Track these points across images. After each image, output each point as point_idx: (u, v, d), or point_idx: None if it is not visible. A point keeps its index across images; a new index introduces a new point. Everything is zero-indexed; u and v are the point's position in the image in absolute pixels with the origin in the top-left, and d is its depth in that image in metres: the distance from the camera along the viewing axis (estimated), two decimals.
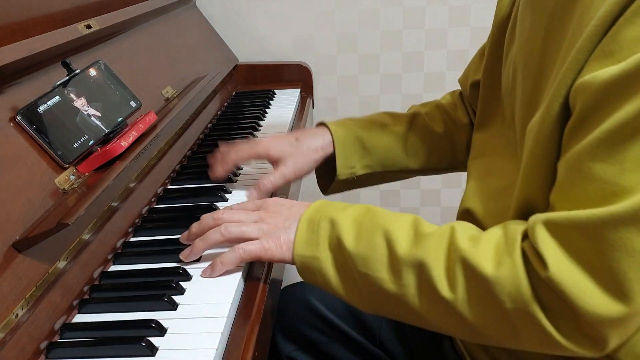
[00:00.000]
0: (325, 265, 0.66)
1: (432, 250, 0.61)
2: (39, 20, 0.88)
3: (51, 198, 0.71)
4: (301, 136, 0.93)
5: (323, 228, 0.67)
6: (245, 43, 1.69)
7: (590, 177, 0.53)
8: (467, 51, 1.67)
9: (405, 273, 0.62)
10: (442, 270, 0.60)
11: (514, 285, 0.56)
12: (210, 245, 0.72)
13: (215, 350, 0.59)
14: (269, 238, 0.69)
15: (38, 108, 0.77)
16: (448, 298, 0.59)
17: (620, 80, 0.50)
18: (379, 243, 0.64)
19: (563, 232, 0.54)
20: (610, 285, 0.52)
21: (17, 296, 0.60)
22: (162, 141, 1.01)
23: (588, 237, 0.53)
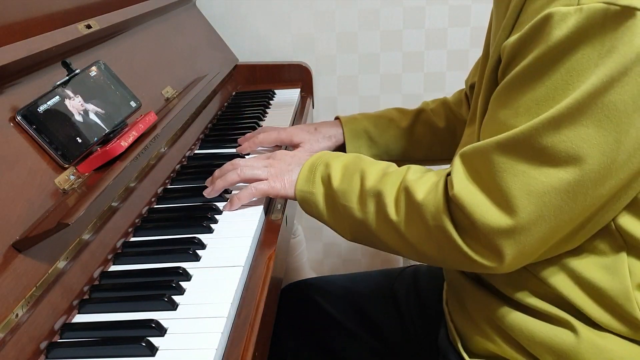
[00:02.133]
0: (318, 198, 0.80)
1: (389, 183, 0.74)
2: (39, 20, 0.88)
3: (51, 198, 0.71)
4: (319, 126, 1.10)
5: (319, 169, 0.82)
6: (245, 43, 1.69)
7: (494, 119, 0.67)
8: (467, 51, 1.67)
9: (368, 202, 0.75)
10: (392, 198, 0.73)
11: (434, 206, 0.69)
12: (229, 183, 0.87)
13: (215, 350, 0.59)
14: (276, 178, 0.84)
15: (38, 108, 0.77)
16: (394, 220, 0.72)
17: (520, 42, 0.63)
18: (355, 180, 0.78)
19: (469, 159, 0.68)
20: (499, 200, 0.64)
21: (17, 296, 0.60)
22: (162, 141, 1.01)
23: (483, 162, 0.65)
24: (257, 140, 1.07)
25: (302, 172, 0.83)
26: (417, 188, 0.71)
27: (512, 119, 0.63)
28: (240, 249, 0.77)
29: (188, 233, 0.81)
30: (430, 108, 1.10)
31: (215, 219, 0.85)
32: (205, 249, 0.78)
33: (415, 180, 0.73)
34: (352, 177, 0.78)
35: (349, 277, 1.09)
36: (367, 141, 1.08)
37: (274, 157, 0.88)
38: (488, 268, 0.67)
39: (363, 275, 1.09)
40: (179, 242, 0.79)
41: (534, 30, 0.61)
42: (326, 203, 0.80)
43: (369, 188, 0.75)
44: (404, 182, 0.73)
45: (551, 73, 0.61)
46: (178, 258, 0.75)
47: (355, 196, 0.76)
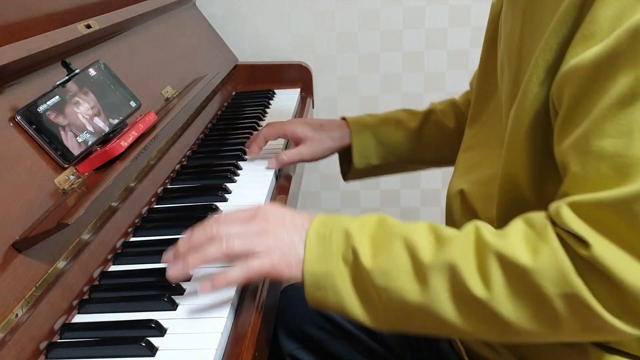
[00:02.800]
0: (340, 281, 0.61)
1: (459, 250, 0.59)
2: (39, 20, 0.88)
3: (51, 198, 0.71)
4: (325, 124, 1.03)
5: (336, 242, 0.63)
6: (245, 43, 1.69)
7: (601, 155, 0.53)
8: (467, 51, 1.67)
9: (433, 279, 0.59)
10: (473, 269, 0.58)
11: (556, 270, 0.55)
12: (208, 260, 0.63)
13: (215, 350, 0.59)
14: (276, 253, 0.63)
15: (38, 108, 0.77)
16: (484, 297, 0.57)
17: (607, 57, 0.52)
18: (399, 253, 0.60)
19: (591, 212, 0.54)
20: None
21: (17, 296, 0.60)
22: (162, 141, 1.01)
23: (619, 215, 0.53)
24: (261, 135, 1.04)
25: (309, 246, 0.63)
26: (516, 251, 0.56)
27: (628, 149, 0.52)
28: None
29: None
30: (439, 109, 1.05)
31: None
32: None
33: (503, 241, 0.58)
34: (390, 249, 0.61)
35: None
36: (375, 142, 1.03)
37: (266, 219, 0.66)
38: (627, 334, 0.56)
39: None
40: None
41: (628, 40, 0.51)
42: (354, 286, 0.61)
43: (429, 262, 0.59)
44: (488, 247, 0.58)
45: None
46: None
47: (407, 274, 0.60)
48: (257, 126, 1.26)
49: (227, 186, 0.95)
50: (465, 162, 0.84)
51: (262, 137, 1.04)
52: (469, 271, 0.58)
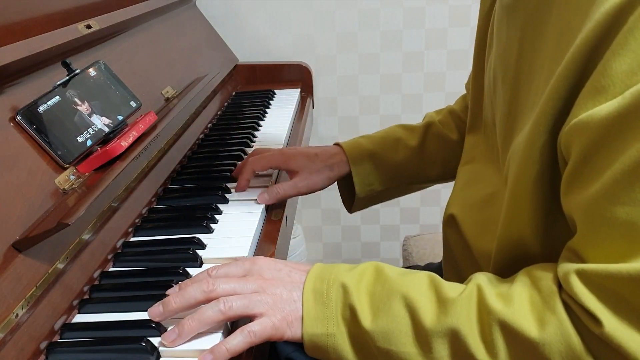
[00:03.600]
0: (340, 342, 0.60)
1: (463, 315, 0.56)
2: (39, 20, 0.88)
3: (51, 198, 0.71)
4: (320, 153, 0.95)
5: (334, 299, 0.61)
6: (245, 43, 1.69)
7: (614, 222, 0.50)
8: (467, 51, 1.67)
9: (436, 345, 0.57)
10: (477, 337, 0.56)
11: (564, 344, 0.53)
12: (206, 325, 0.60)
13: None
14: (276, 313, 0.60)
15: (38, 108, 0.77)
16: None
17: (621, 117, 0.48)
18: (400, 314, 0.58)
19: (602, 285, 0.51)
20: None
21: (17, 296, 0.60)
22: (162, 141, 1.01)
23: (633, 290, 0.49)
24: (250, 169, 0.94)
25: (306, 304, 0.61)
26: (522, 321, 0.54)
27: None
28: (240, 249, 0.77)
29: (188, 233, 0.81)
30: (438, 120, 0.99)
31: (215, 219, 0.85)
32: (205, 249, 0.78)
33: (507, 308, 0.55)
34: (390, 309, 0.59)
35: None
36: (375, 167, 0.96)
37: (262, 274, 0.64)
38: None
39: None
40: (179, 242, 0.79)
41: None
42: (353, 346, 0.60)
43: (431, 326, 0.57)
44: (491, 314, 0.55)
45: None
46: (178, 258, 0.75)
47: (409, 338, 0.58)
48: (257, 126, 1.26)
49: (227, 186, 0.95)
50: (465, 177, 0.81)
51: (249, 169, 0.94)
52: (472, 339, 0.56)
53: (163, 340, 0.60)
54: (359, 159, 0.95)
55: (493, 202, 0.69)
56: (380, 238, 1.92)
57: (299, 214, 1.89)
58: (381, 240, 1.92)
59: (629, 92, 0.48)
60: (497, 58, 0.69)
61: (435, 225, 1.89)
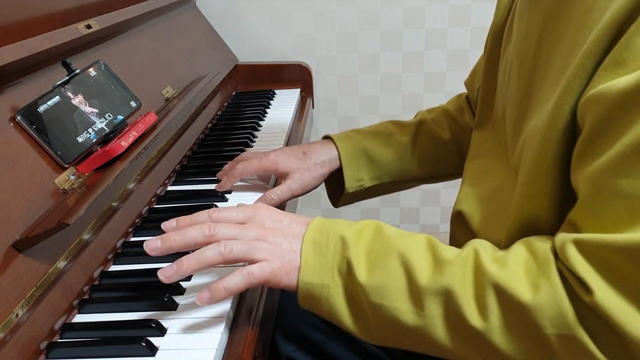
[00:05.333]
0: (333, 293, 0.60)
1: (458, 276, 0.57)
2: (39, 20, 0.88)
3: (51, 198, 0.71)
4: (308, 150, 0.93)
5: (332, 251, 0.61)
6: (245, 43, 1.69)
7: (617, 193, 0.50)
8: (467, 51, 1.67)
9: (429, 303, 0.57)
10: (471, 298, 0.56)
11: (556, 310, 0.53)
12: (205, 265, 0.61)
13: (215, 350, 0.59)
14: (275, 260, 0.61)
15: (38, 108, 0.77)
16: (479, 327, 0.56)
17: (638, 90, 0.48)
18: (396, 271, 0.59)
19: (598, 255, 0.51)
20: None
21: (17, 296, 0.60)
22: (162, 141, 1.01)
23: (628, 261, 0.50)
24: (236, 172, 0.91)
25: (305, 254, 0.62)
26: (516, 285, 0.54)
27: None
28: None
29: None
30: (430, 118, 0.98)
31: None
32: None
33: (502, 272, 0.56)
34: (386, 265, 0.59)
35: None
36: (367, 162, 0.94)
37: (263, 223, 0.65)
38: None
39: None
40: None
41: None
42: (347, 299, 0.61)
43: (425, 285, 0.57)
44: (486, 276, 0.56)
45: None
46: (178, 258, 0.75)
47: (403, 295, 0.58)
48: (257, 126, 1.26)
49: None
50: (472, 172, 0.81)
51: (237, 175, 0.91)
52: (465, 299, 0.56)
53: (160, 276, 0.61)
54: (350, 154, 0.94)
55: (500, 195, 0.68)
56: None
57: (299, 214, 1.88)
58: None
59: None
60: (515, 48, 0.69)
61: (435, 225, 1.89)
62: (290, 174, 0.90)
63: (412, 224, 1.89)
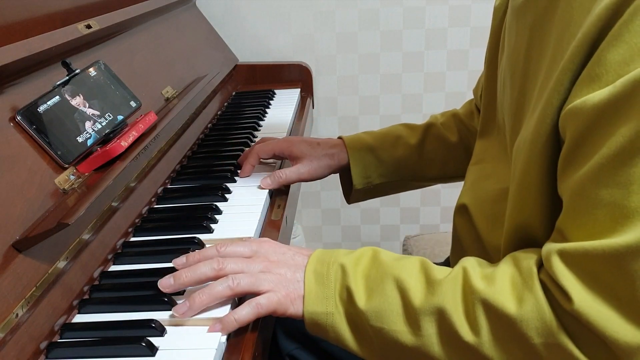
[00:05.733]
0: (338, 320, 0.64)
1: (449, 295, 0.60)
2: (39, 20, 0.88)
3: (51, 198, 0.71)
4: (322, 143, 0.99)
5: (332, 279, 0.65)
6: (245, 43, 1.69)
7: (597, 203, 0.53)
8: (467, 51, 1.67)
9: (424, 323, 0.60)
10: (461, 314, 0.59)
11: (539, 320, 0.56)
12: (215, 299, 0.64)
13: (215, 350, 0.59)
14: (281, 290, 0.65)
15: (38, 108, 0.77)
16: (471, 342, 0.58)
17: (611, 104, 0.51)
18: (392, 295, 0.62)
19: (580, 263, 0.54)
20: (636, 313, 0.52)
21: (17, 296, 0.60)
22: (162, 141, 1.01)
23: (608, 268, 0.52)
24: (255, 153, 0.98)
25: (308, 285, 0.65)
26: (501, 299, 0.57)
27: (625, 200, 0.51)
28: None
29: (188, 233, 0.81)
30: (440, 122, 1.01)
31: (215, 219, 0.85)
32: None
33: (489, 288, 0.58)
34: (383, 290, 0.62)
35: None
36: (374, 161, 0.99)
37: (267, 256, 0.68)
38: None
39: None
40: (179, 242, 0.79)
41: (633, 88, 0.49)
42: (349, 325, 0.64)
43: (419, 306, 0.60)
44: (474, 293, 0.59)
45: None
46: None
47: (400, 317, 0.61)
48: (257, 126, 1.26)
49: (227, 186, 0.95)
50: (474, 174, 0.82)
51: (255, 154, 0.98)
52: (457, 316, 0.59)
53: (174, 312, 0.64)
54: (358, 151, 0.98)
55: (505, 197, 0.70)
56: (380, 238, 1.92)
57: (299, 214, 1.89)
58: (381, 240, 1.92)
59: (620, 81, 0.50)
60: (507, 59, 0.70)
61: (435, 225, 1.89)
62: (301, 158, 0.97)
63: (412, 224, 1.89)
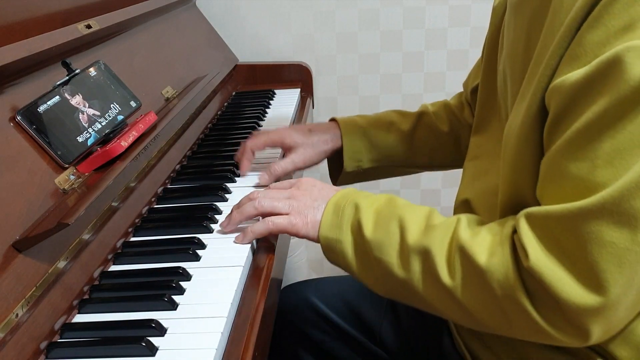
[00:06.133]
0: (346, 247, 0.71)
1: (438, 239, 0.65)
2: (39, 20, 0.88)
3: (51, 198, 0.71)
4: (314, 128, 1.01)
5: (347, 213, 0.72)
6: (245, 43, 1.69)
7: (565, 175, 0.57)
8: (467, 51, 1.67)
9: (412, 260, 0.66)
10: (443, 258, 0.64)
11: (503, 274, 0.60)
12: (245, 217, 0.77)
13: (215, 350, 0.59)
14: (297, 215, 0.74)
15: (38, 108, 0.77)
16: (448, 284, 0.63)
17: (586, 83, 0.54)
18: (393, 231, 0.68)
19: (542, 225, 0.58)
20: (586, 276, 0.55)
21: (17, 296, 0.60)
22: (162, 141, 1.01)
23: (563, 230, 0.56)
24: (247, 148, 0.99)
25: (326, 214, 0.73)
26: (476, 249, 0.62)
27: (590, 174, 0.54)
28: (240, 249, 0.77)
29: (188, 233, 0.81)
30: (432, 111, 1.04)
31: (215, 219, 0.85)
32: (205, 249, 0.78)
33: (471, 238, 0.63)
34: (388, 225, 0.69)
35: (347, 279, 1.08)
36: (367, 145, 1.01)
37: (299, 187, 0.78)
38: (568, 345, 0.60)
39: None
40: (179, 242, 0.79)
41: (605, 69, 0.53)
42: (356, 254, 0.71)
43: (412, 243, 0.66)
44: (457, 241, 0.64)
45: (633, 116, 0.52)
46: (178, 258, 0.75)
47: (395, 251, 0.67)
48: (257, 126, 1.26)
49: (227, 186, 0.95)
50: (472, 170, 0.84)
51: (248, 150, 0.99)
52: (439, 259, 0.64)
53: (220, 227, 0.80)
54: (351, 134, 1.00)
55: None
56: None
57: None
58: None
59: (595, 61, 0.53)
60: (507, 57, 0.72)
61: None
62: (294, 148, 0.98)
63: None
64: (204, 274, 0.72)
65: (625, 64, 0.51)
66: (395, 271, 0.67)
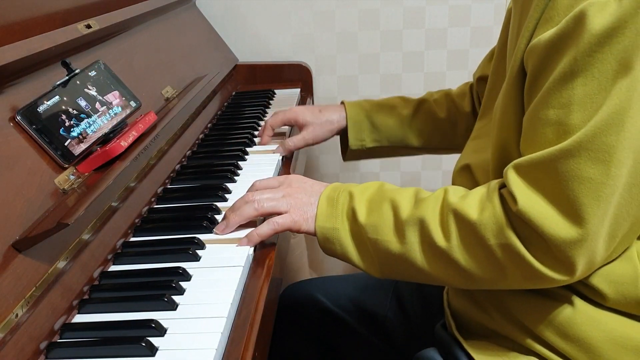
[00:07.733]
0: (343, 234, 0.74)
1: (430, 208, 0.70)
2: (39, 20, 0.88)
3: (51, 198, 0.71)
4: (324, 109, 1.13)
5: (341, 202, 0.76)
6: (245, 43, 1.69)
7: (545, 122, 0.64)
8: (467, 51, 1.67)
9: (408, 232, 0.71)
10: (437, 223, 0.69)
11: (495, 223, 0.66)
12: (245, 219, 0.79)
13: (215, 350, 0.59)
14: (297, 211, 0.77)
15: (38, 108, 0.77)
16: (444, 247, 0.68)
17: (557, 39, 0.62)
18: (386, 212, 0.73)
19: (527, 171, 0.64)
20: (568, 210, 0.62)
21: (17, 296, 0.60)
22: (162, 141, 1.01)
23: (546, 172, 0.63)
24: (267, 126, 1.12)
25: (320, 206, 0.77)
26: (467, 208, 0.68)
27: (566, 118, 0.62)
28: (240, 249, 0.77)
29: (188, 233, 0.81)
30: (433, 98, 1.12)
31: (215, 219, 0.85)
32: (205, 248, 0.78)
33: (460, 200, 0.69)
34: (380, 208, 0.74)
35: (350, 277, 1.09)
36: (369, 126, 1.11)
37: (290, 184, 0.82)
38: (558, 281, 0.65)
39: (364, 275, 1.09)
40: (178, 242, 0.79)
41: (573, 24, 0.61)
42: (353, 238, 0.75)
43: (406, 218, 0.71)
44: (448, 205, 0.69)
45: (599, 64, 0.60)
46: (178, 258, 0.75)
47: (390, 229, 0.72)
48: (257, 126, 1.26)
49: (227, 186, 0.95)
50: (472, 147, 0.88)
51: (269, 127, 1.12)
52: (434, 225, 0.69)
53: (216, 230, 0.80)
54: (356, 117, 1.11)
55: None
56: None
57: None
58: None
59: (564, 19, 0.62)
60: (509, 42, 0.76)
61: None
62: (306, 126, 1.10)
63: None
64: (204, 274, 0.72)
65: (588, 17, 0.59)
66: (392, 248, 0.71)
